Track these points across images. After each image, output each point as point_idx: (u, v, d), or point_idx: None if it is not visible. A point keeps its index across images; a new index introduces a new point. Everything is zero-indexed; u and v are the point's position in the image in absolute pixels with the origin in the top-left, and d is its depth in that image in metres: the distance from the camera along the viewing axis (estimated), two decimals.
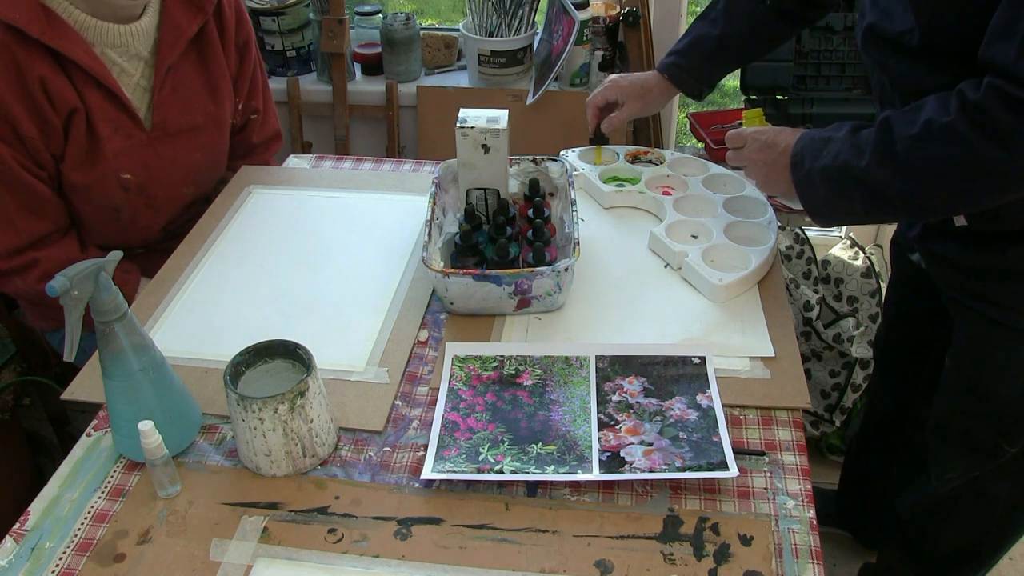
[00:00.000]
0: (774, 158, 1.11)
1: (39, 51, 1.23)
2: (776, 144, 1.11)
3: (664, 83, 1.41)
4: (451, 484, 0.97)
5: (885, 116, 0.96)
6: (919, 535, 1.46)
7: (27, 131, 1.26)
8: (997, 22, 0.86)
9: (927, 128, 0.91)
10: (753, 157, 1.15)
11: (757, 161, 1.14)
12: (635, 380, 1.08)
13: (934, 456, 1.31)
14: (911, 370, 1.45)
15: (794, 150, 1.07)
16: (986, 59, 0.87)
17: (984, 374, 1.17)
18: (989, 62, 0.87)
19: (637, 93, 1.41)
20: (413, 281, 1.27)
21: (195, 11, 1.38)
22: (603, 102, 1.43)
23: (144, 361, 0.95)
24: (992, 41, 0.87)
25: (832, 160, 1.01)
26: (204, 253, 1.34)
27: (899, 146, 0.93)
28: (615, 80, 1.43)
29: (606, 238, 1.34)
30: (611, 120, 1.42)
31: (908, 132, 0.92)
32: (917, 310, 1.36)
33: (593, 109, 1.44)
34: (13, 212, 1.31)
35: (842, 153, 0.99)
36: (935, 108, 0.91)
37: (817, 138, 1.05)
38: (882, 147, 0.95)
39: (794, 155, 1.07)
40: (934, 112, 0.91)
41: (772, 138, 1.12)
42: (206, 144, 1.48)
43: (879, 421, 1.61)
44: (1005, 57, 0.85)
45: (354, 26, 2.23)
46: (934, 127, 0.90)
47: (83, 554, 0.90)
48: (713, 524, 0.91)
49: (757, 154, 1.14)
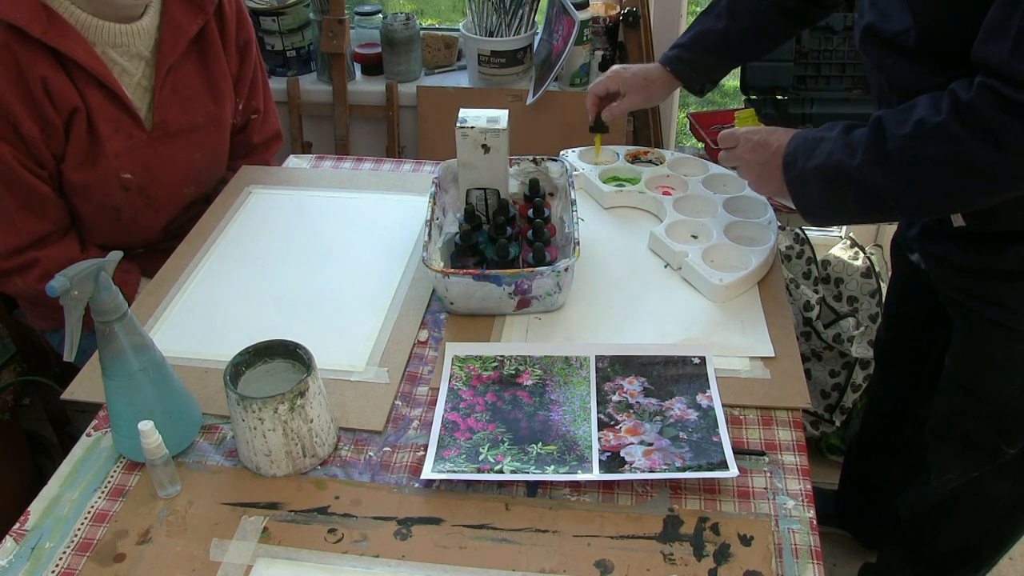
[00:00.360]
0: (767, 158, 1.10)
1: (40, 50, 1.23)
2: (769, 144, 1.11)
3: (666, 76, 1.39)
4: (451, 484, 0.97)
5: (878, 116, 0.96)
6: (919, 535, 1.46)
7: (28, 130, 1.26)
8: (990, 21, 0.86)
9: (919, 128, 0.91)
10: (746, 157, 1.14)
11: (750, 161, 1.13)
12: (635, 380, 1.08)
13: (933, 456, 1.31)
14: (911, 370, 1.45)
15: (787, 150, 1.07)
16: (978, 59, 0.87)
17: (983, 374, 1.17)
18: (982, 62, 0.87)
19: (640, 84, 1.40)
20: (413, 281, 1.27)
21: (196, 11, 1.38)
22: (604, 91, 1.42)
23: (144, 361, 0.95)
24: (985, 40, 0.87)
25: (825, 160, 1.00)
26: (204, 253, 1.34)
27: (891, 145, 0.93)
28: (617, 71, 1.42)
29: (606, 238, 1.34)
30: (612, 109, 1.41)
31: (900, 132, 0.92)
32: (917, 310, 1.36)
33: (593, 97, 1.43)
34: (13, 212, 1.31)
35: (835, 153, 0.99)
36: (927, 108, 0.91)
37: (810, 138, 1.04)
38: (875, 146, 0.95)
39: (787, 155, 1.07)
40: (926, 112, 0.91)
41: (765, 138, 1.12)
42: (206, 144, 1.48)
43: (879, 421, 1.61)
44: (997, 56, 0.85)
45: (354, 26, 2.23)
46: (926, 127, 0.90)
47: (83, 554, 0.90)
48: (713, 524, 0.91)
49: (750, 154, 1.13)
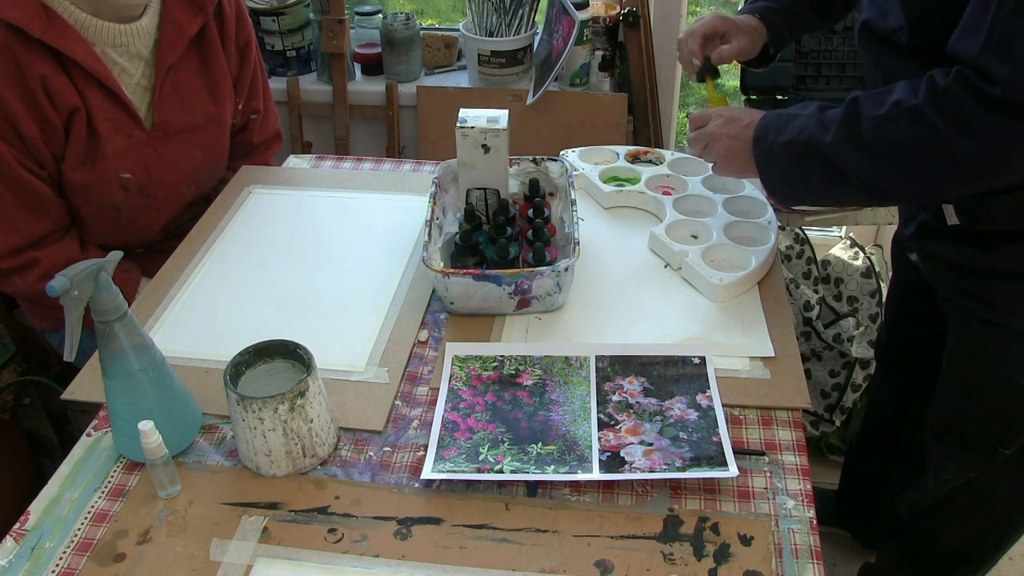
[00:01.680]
0: (737, 131, 1.10)
1: (40, 50, 1.23)
2: (740, 119, 1.11)
3: (760, 26, 1.28)
4: (451, 484, 0.97)
5: (855, 96, 0.97)
6: (918, 536, 1.46)
7: (28, 130, 1.26)
8: (967, 18, 0.87)
9: (894, 109, 0.91)
10: (716, 132, 1.13)
11: (720, 135, 1.12)
12: (635, 380, 1.08)
13: (931, 456, 1.31)
14: (912, 370, 1.45)
15: (758, 125, 1.07)
16: (952, 53, 0.89)
17: (978, 374, 1.17)
18: (956, 56, 0.88)
19: (745, 29, 1.27)
20: (413, 281, 1.27)
21: (195, 11, 1.38)
22: (712, 31, 1.27)
23: (144, 361, 0.95)
24: (959, 36, 0.88)
25: (796, 135, 1.01)
26: (204, 253, 1.34)
27: (864, 125, 0.94)
28: (717, 13, 1.29)
29: (606, 238, 1.34)
30: (722, 52, 1.27)
31: (875, 112, 0.93)
32: (918, 310, 1.36)
33: (700, 38, 1.27)
34: (13, 211, 1.31)
35: (807, 128, 1.00)
36: (904, 91, 0.92)
37: (783, 114, 1.05)
38: (847, 124, 0.95)
39: (758, 129, 1.07)
40: (902, 95, 0.92)
41: (737, 114, 1.12)
42: (206, 144, 1.48)
43: (880, 421, 1.61)
44: (970, 51, 0.86)
45: (354, 26, 2.23)
46: (901, 108, 0.91)
47: (83, 554, 0.90)
48: (713, 524, 0.91)
49: (721, 128, 1.12)
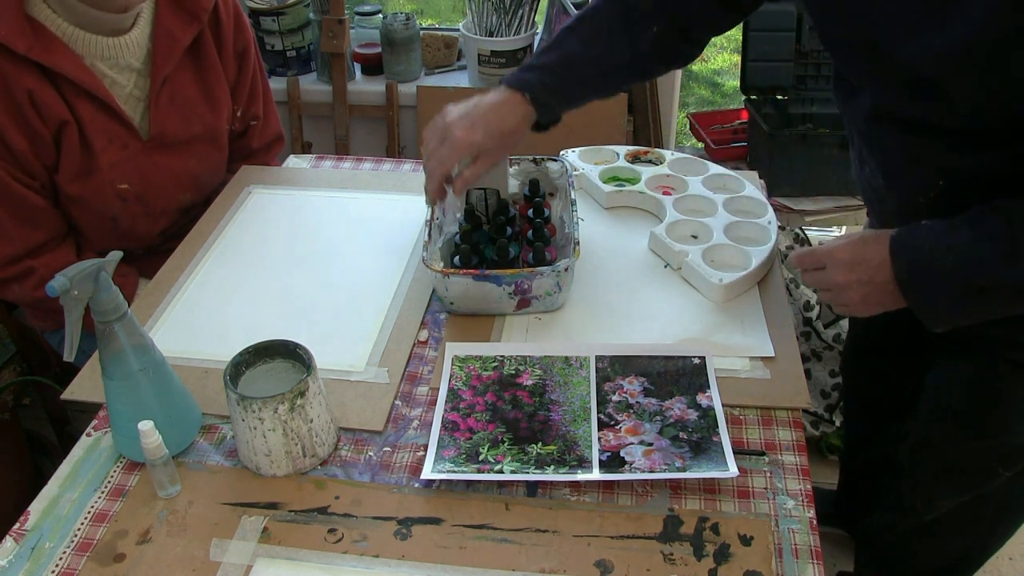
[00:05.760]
0: (869, 275, 0.96)
1: (26, 64, 1.21)
2: (866, 259, 0.96)
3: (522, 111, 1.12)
4: (451, 484, 0.97)
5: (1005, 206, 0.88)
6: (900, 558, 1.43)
7: (16, 144, 1.24)
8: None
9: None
10: (844, 281, 0.98)
11: (850, 284, 0.98)
12: (635, 380, 1.08)
13: (916, 479, 1.27)
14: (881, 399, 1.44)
15: (897, 267, 0.94)
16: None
17: (993, 414, 1.12)
18: None
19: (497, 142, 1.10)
20: (413, 281, 1.27)
21: (189, 19, 1.36)
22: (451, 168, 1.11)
23: (144, 361, 0.95)
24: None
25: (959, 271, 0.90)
26: (204, 253, 1.34)
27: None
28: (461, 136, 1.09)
29: (606, 238, 1.34)
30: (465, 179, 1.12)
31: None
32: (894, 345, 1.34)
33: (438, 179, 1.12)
34: (6, 223, 1.30)
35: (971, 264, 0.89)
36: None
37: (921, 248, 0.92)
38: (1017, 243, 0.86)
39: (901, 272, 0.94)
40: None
41: (858, 254, 0.97)
42: (203, 153, 1.47)
43: (857, 432, 1.61)
44: None
45: (354, 26, 2.23)
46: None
47: (83, 554, 0.90)
48: (713, 524, 0.91)
49: (847, 276, 0.98)
